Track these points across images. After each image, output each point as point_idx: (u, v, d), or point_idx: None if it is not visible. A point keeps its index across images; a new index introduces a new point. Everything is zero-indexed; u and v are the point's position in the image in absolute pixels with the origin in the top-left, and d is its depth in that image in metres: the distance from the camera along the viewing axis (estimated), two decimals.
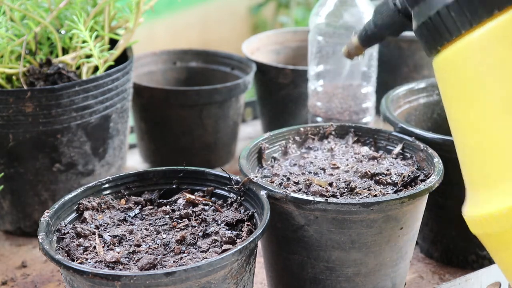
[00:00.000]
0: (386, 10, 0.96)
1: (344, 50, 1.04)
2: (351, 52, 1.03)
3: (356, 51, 1.03)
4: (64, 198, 0.89)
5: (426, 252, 1.10)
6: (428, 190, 0.90)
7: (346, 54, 1.04)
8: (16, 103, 1.06)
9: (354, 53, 1.03)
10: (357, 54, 1.03)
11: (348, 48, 1.03)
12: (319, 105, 1.24)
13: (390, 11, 0.95)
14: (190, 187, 0.95)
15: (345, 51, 1.04)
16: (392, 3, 0.95)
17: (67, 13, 1.19)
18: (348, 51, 1.04)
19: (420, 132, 1.01)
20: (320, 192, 0.91)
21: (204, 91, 1.29)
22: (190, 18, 3.12)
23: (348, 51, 1.04)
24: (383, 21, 0.97)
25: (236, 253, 0.78)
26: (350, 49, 1.03)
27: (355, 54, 1.04)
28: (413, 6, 0.83)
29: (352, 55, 1.04)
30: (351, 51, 1.03)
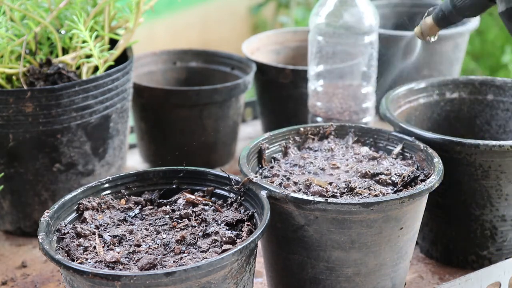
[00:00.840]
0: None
1: (416, 30, 1.04)
2: (424, 32, 1.03)
3: (430, 32, 1.03)
4: (64, 198, 0.89)
5: (426, 252, 1.10)
6: (428, 190, 0.90)
7: (419, 34, 1.04)
8: (16, 103, 1.06)
9: (427, 33, 1.03)
10: (431, 34, 1.03)
11: (422, 28, 1.03)
12: (319, 105, 1.24)
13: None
14: (190, 187, 0.95)
15: (418, 31, 1.04)
16: None
17: (67, 13, 1.19)
18: (422, 31, 1.03)
19: (420, 132, 1.01)
20: (320, 192, 0.91)
21: (204, 91, 1.29)
22: (190, 18, 3.12)
23: (422, 31, 1.03)
24: (464, 2, 0.96)
25: (236, 253, 0.78)
26: (424, 30, 1.03)
27: (428, 34, 1.03)
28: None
29: (425, 36, 1.03)
30: (424, 31, 1.03)
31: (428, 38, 1.05)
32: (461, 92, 1.18)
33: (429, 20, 1.03)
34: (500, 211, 1.03)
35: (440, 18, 1.01)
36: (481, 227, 1.04)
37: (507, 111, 1.17)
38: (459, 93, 1.18)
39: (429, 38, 1.05)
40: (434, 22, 1.02)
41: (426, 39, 1.05)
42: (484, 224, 1.04)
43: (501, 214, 1.03)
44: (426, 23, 1.03)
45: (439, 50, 1.44)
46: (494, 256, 1.06)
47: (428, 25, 1.03)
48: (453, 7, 0.99)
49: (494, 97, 1.17)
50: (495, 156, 0.99)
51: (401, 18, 1.62)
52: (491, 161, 0.99)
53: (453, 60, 1.47)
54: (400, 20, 1.62)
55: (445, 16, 1.01)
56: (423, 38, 1.04)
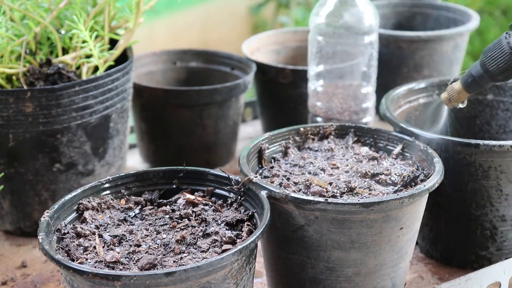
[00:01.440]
0: (500, 55, 0.91)
1: (443, 96, 0.99)
2: (452, 99, 0.98)
3: (459, 98, 0.98)
4: (64, 198, 0.89)
5: (426, 252, 1.10)
6: (428, 190, 0.90)
7: (446, 101, 0.99)
8: (16, 103, 1.06)
9: (456, 99, 0.98)
10: (459, 100, 0.98)
11: (449, 94, 0.98)
12: (319, 105, 1.24)
13: (505, 55, 0.91)
14: (190, 187, 0.95)
15: (444, 98, 0.99)
16: (508, 47, 0.91)
17: (67, 13, 1.19)
18: (449, 97, 0.99)
19: (420, 132, 1.01)
20: (320, 192, 0.91)
21: (204, 91, 1.29)
22: (190, 18, 3.12)
23: (449, 97, 0.99)
24: (497, 66, 0.92)
25: (236, 253, 0.78)
26: (451, 95, 0.98)
27: (456, 100, 0.98)
28: None
29: (453, 102, 0.99)
30: (452, 97, 0.98)
31: (456, 104, 1.00)
32: None
33: (457, 85, 0.98)
34: (500, 211, 1.03)
35: (470, 84, 0.97)
36: (481, 227, 1.04)
37: (507, 111, 1.17)
38: None
39: (457, 104, 1.00)
40: (464, 88, 0.97)
41: (454, 105, 1.00)
42: (484, 224, 1.04)
43: (501, 214, 1.03)
44: (454, 89, 0.98)
45: (439, 50, 1.44)
46: (494, 256, 1.06)
47: (457, 90, 0.98)
48: (485, 72, 0.94)
49: (494, 97, 1.17)
50: (495, 156, 0.99)
51: (401, 18, 1.63)
52: (491, 161, 0.99)
53: (453, 60, 1.47)
54: (400, 20, 1.62)
55: (475, 81, 0.96)
56: (450, 105, 1.00)
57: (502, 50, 0.92)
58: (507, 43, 0.92)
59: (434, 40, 1.43)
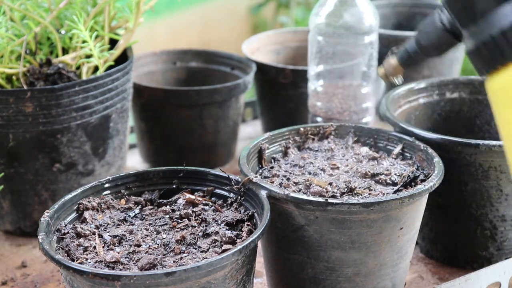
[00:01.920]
0: (432, 30, 0.92)
1: (379, 71, 1.00)
2: (388, 73, 1.00)
3: (394, 72, 0.99)
4: (64, 198, 0.89)
5: (426, 252, 1.10)
6: (428, 190, 0.90)
7: (382, 75, 1.00)
8: (16, 103, 1.06)
9: (392, 73, 1.00)
10: (395, 75, 1.00)
11: (385, 69, 1.00)
12: (319, 105, 1.24)
13: (437, 30, 0.92)
14: (190, 187, 0.95)
15: (381, 72, 1.00)
16: (440, 23, 0.92)
17: (67, 13, 1.19)
18: (385, 72, 1.00)
19: (420, 132, 1.01)
20: (320, 192, 0.91)
21: (204, 91, 1.29)
22: (190, 18, 3.12)
23: (385, 72, 1.00)
24: (430, 41, 0.93)
25: (236, 253, 0.78)
26: (387, 70, 1.00)
27: (393, 74, 1.00)
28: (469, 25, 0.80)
29: (389, 76, 1.00)
30: (388, 72, 1.00)
31: (392, 79, 1.01)
32: (461, 92, 1.18)
33: (393, 60, 0.99)
34: (500, 211, 1.03)
35: (405, 58, 0.98)
36: (481, 227, 1.04)
37: None
38: (459, 93, 1.18)
39: (393, 79, 1.01)
40: (399, 62, 0.98)
41: (390, 80, 1.01)
42: (484, 224, 1.04)
43: (501, 214, 1.03)
44: (390, 64, 0.99)
45: None
46: (494, 256, 1.06)
47: (392, 65, 0.99)
48: (419, 47, 0.95)
49: None
50: (495, 156, 0.99)
51: (401, 18, 1.63)
52: (491, 161, 0.99)
53: (453, 60, 1.47)
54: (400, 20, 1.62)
55: (410, 57, 0.97)
56: (387, 79, 1.01)
57: (435, 26, 0.93)
58: (439, 19, 0.93)
59: None
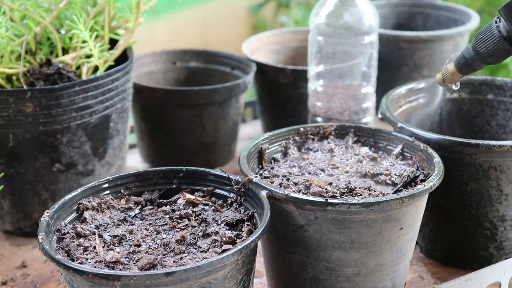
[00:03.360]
0: (489, 38, 0.94)
1: (438, 77, 1.02)
2: (446, 79, 1.01)
3: (452, 79, 1.01)
4: (64, 198, 0.89)
5: (426, 252, 1.10)
6: (428, 190, 0.90)
7: (440, 81, 1.02)
8: (16, 103, 1.06)
9: (449, 80, 1.01)
10: (452, 81, 1.01)
11: (443, 75, 1.01)
12: (319, 105, 1.24)
13: (494, 38, 0.94)
14: (190, 187, 0.95)
15: (439, 78, 1.02)
16: (497, 30, 0.94)
17: (67, 13, 1.19)
18: (443, 78, 1.01)
19: (420, 132, 1.01)
20: (319, 193, 0.91)
21: (204, 91, 1.29)
22: (190, 18, 3.12)
23: (443, 78, 1.01)
24: (487, 49, 0.95)
25: (236, 253, 0.78)
26: (445, 76, 1.01)
27: (450, 81, 1.01)
28: None
29: (447, 82, 1.01)
30: (447, 78, 1.01)
31: (450, 85, 1.02)
32: (461, 92, 1.18)
33: (451, 67, 1.01)
34: (500, 211, 1.03)
35: (462, 65, 0.99)
36: (481, 227, 1.04)
37: (507, 111, 1.17)
38: (459, 93, 1.18)
39: (451, 85, 1.02)
40: (457, 69, 1.00)
41: (448, 86, 1.03)
42: (484, 224, 1.04)
43: (501, 214, 1.03)
44: (448, 70, 1.01)
45: (439, 50, 1.44)
46: (494, 256, 1.06)
47: (450, 72, 1.01)
48: (476, 54, 0.97)
49: (494, 97, 1.17)
50: (495, 156, 0.99)
51: (401, 18, 1.63)
52: (491, 161, 0.99)
53: None
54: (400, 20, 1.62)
55: (467, 63, 0.99)
56: (444, 85, 1.02)
57: (492, 34, 0.95)
58: (496, 27, 0.95)
59: (434, 40, 1.43)
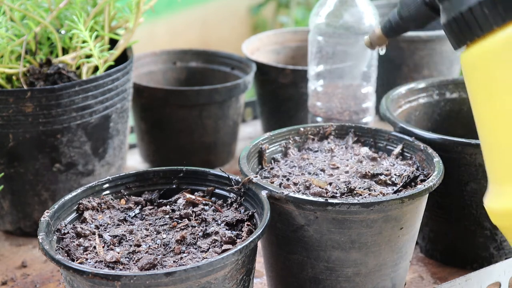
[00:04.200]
0: (412, 2, 0.96)
1: (366, 40, 1.05)
2: (373, 42, 1.04)
3: (378, 42, 1.04)
4: (64, 198, 0.89)
5: (426, 252, 1.11)
6: (428, 190, 0.90)
7: (368, 44, 1.05)
8: (16, 103, 1.06)
9: (376, 43, 1.04)
10: (379, 44, 1.04)
11: (371, 38, 1.04)
12: (319, 105, 1.24)
13: (417, 3, 0.95)
14: (190, 187, 0.95)
15: (367, 41, 1.05)
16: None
17: (67, 13, 1.19)
18: (371, 41, 1.04)
19: (420, 132, 1.01)
20: (319, 193, 0.91)
21: (204, 91, 1.29)
22: (190, 18, 3.12)
23: (371, 41, 1.04)
24: (409, 13, 0.97)
25: (236, 253, 0.78)
26: (372, 40, 1.04)
27: (377, 44, 1.04)
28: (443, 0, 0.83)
29: (374, 46, 1.05)
30: (373, 41, 1.04)
31: (377, 48, 1.06)
32: (461, 92, 1.18)
33: (378, 30, 1.03)
34: None
35: (388, 29, 1.02)
36: (481, 227, 1.04)
37: None
38: (459, 93, 1.18)
39: (379, 48, 1.06)
40: (383, 32, 1.02)
41: (376, 48, 1.06)
42: (484, 224, 1.04)
43: None
44: (375, 34, 1.03)
45: (439, 50, 1.44)
46: (494, 256, 1.06)
47: (377, 35, 1.03)
48: (400, 18, 0.99)
49: None
50: None
51: None
52: None
53: (453, 60, 1.47)
54: None
55: (392, 27, 1.01)
56: (372, 48, 1.05)
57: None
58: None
59: (434, 40, 1.43)
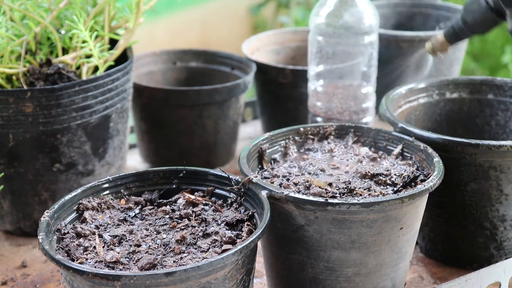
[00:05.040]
0: (477, 8, 0.96)
1: (427, 46, 1.05)
2: (436, 48, 1.04)
3: (441, 48, 1.04)
4: (64, 198, 0.89)
5: (426, 252, 1.10)
6: (428, 190, 0.90)
7: (430, 50, 1.05)
8: (16, 103, 1.06)
9: (438, 49, 1.04)
10: (442, 50, 1.04)
11: (433, 44, 1.04)
12: (319, 105, 1.24)
13: (481, 9, 0.96)
14: (190, 187, 0.95)
15: (429, 47, 1.05)
16: (484, 1, 0.95)
17: (67, 13, 1.19)
18: (433, 47, 1.04)
19: (420, 132, 1.01)
20: (319, 193, 0.91)
21: (204, 91, 1.29)
22: (190, 18, 3.12)
23: (433, 47, 1.04)
24: (474, 19, 0.98)
25: (236, 253, 0.78)
26: (435, 46, 1.04)
27: (439, 50, 1.04)
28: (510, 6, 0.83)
29: (436, 52, 1.05)
30: (436, 47, 1.04)
31: (439, 54, 1.06)
32: (461, 92, 1.18)
33: (440, 36, 1.04)
34: (500, 211, 1.03)
35: (451, 35, 1.02)
36: (481, 227, 1.04)
37: (507, 111, 1.17)
38: (459, 93, 1.18)
39: (440, 54, 1.06)
40: (446, 38, 1.03)
41: (437, 55, 1.06)
42: (484, 224, 1.04)
43: (501, 214, 1.03)
44: (437, 39, 1.04)
45: None
46: (494, 256, 1.06)
47: (439, 41, 1.03)
48: (464, 24, 0.99)
49: (494, 97, 1.17)
50: (495, 156, 0.99)
51: (401, 18, 1.63)
52: (491, 161, 0.99)
53: (453, 60, 1.47)
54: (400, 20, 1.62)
55: (455, 33, 1.02)
56: (434, 54, 1.05)
57: (479, 4, 0.97)
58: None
59: None
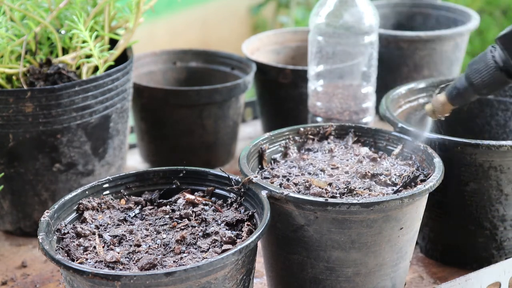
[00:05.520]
0: (485, 69, 0.90)
1: (428, 108, 0.98)
2: (437, 110, 0.97)
3: (443, 110, 0.96)
4: (64, 198, 0.89)
5: (426, 252, 1.10)
6: (428, 190, 0.90)
7: (430, 113, 0.97)
8: (16, 103, 1.06)
9: (440, 111, 0.97)
10: (443, 112, 0.97)
11: (434, 106, 0.97)
12: (319, 105, 1.24)
13: (490, 69, 0.90)
14: (190, 187, 0.95)
15: (429, 110, 0.97)
16: (492, 60, 0.90)
17: (67, 13, 1.19)
18: (434, 109, 0.97)
19: (420, 132, 1.01)
20: (319, 193, 0.91)
21: (204, 91, 1.29)
22: (190, 18, 3.12)
23: (434, 109, 0.97)
24: (482, 79, 0.91)
25: (236, 253, 0.78)
26: (436, 108, 0.97)
27: (441, 112, 0.97)
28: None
29: (438, 114, 0.97)
30: (437, 109, 0.97)
31: (440, 117, 0.98)
32: None
33: (442, 97, 0.96)
34: (500, 211, 1.03)
35: (454, 96, 0.95)
36: (481, 227, 1.04)
37: (507, 111, 1.17)
38: None
39: (441, 116, 0.98)
40: (448, 100, 0.95)
41: (438, 117, 0.98)
42: (484, 224, 1.04)
43: (501, 214, 1.03)
44: (439, 101, 0.96)
45: (439, 50, 1.44)
46: (494, 256, 1.06)
47: (441, 102, 0.96)
48: (470, 85, 0.93)
49: (494, 97, 1.17)
50: (495, 156, 0.99)
51: (401, 18, 1.63)
52: (491, 161, 0.99)
53: (453, 60, 1.47)
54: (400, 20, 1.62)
55: (460, 94, 0.94)
56: (434, 117, 0.98)
57: (487, 64, 0.91)
58: (491, 56, 0.91)
59: (434, 40, 1.43)
